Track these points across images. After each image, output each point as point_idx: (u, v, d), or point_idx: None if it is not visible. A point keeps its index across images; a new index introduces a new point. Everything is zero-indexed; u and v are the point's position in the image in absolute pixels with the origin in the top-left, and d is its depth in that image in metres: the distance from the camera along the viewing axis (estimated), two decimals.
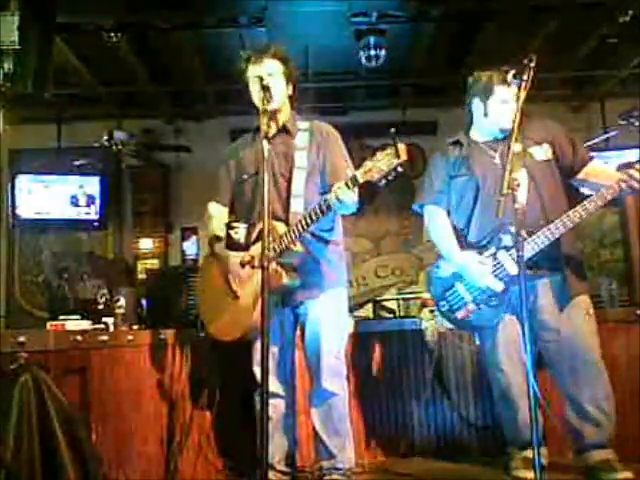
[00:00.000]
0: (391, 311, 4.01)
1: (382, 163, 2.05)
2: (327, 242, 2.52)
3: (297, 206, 2.39)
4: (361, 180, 2.10)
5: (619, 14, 4.38)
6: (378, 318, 3.86)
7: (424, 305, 3.29)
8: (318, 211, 2.25)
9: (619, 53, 5.16)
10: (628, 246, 3.42)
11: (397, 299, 3.96)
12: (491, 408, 3.07)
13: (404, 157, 2.02)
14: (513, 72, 2.23)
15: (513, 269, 2.40)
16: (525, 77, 2.21)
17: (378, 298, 4.38)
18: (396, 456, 3.04)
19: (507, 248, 2.44)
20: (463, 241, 2.60)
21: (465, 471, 2.79)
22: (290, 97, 2.57)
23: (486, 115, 2.59)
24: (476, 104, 2.63)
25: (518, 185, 2.05)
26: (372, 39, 4.71)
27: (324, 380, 2.44)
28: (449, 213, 2.68)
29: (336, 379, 2.46)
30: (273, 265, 2.25)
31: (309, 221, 2.28)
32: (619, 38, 4.72)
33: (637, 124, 5.01)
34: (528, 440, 2.19)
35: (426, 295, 3.69)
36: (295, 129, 2.54)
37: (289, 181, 2.45)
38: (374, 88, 6.01)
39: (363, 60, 4.80)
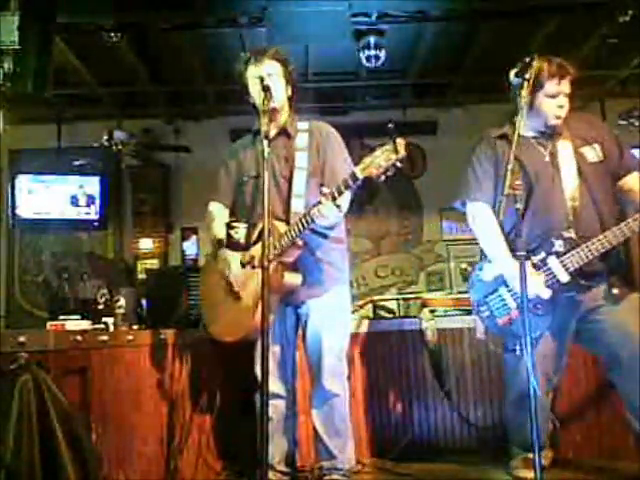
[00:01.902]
0: (391, 311, 4.01)
1: (381, 159, 2.04)
2: (330, 239, 2.50)
3: (298, 206, 2.38)
4: (360, 176, 2.09)
5: (619, 14, 4.38)
6: (378, 318, 3.85)
7: (424, 305, 3.29)
8: (304, 222, 2.26)
9: (619, 53, 5.16)
10: (628, 246, 3.41)
11: (397, 299, 3.95)
12: (491, 408, 3.08)
13: (403, 152, 2.02)
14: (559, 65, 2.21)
15: (564, 277, 2.29)
16: (527, 76, 2.20)
17: (378, 298, 4.37)
18: (396, 456, 3.03)
19: (558, 254, 2.30)
20: (511, 244, 2.42)
21: (465, 471, 2.79)
22: (289, 98, 2.56)
23: (532, 109, 2.40)
24: (523, 96, 2.42)
25: (519, 185, 2.03)
26: (372, 39, 4.72)
27: (325, 380, 2.44)
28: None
29: (337, 379, 2.46)
30: (275, 265, 2.26)
31: (297, 231, 2.29)
32: (619, 38, 4.72)
33: (637, 124, 5.02)
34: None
35: (426, 295, 3.69)
36: (295, 130, 2.54)
37: (290, 182, 2.45)
38: (374, 88, 6.02)
39: (363, 60, 4.81)
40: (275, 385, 2.45)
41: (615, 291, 2.31)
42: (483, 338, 2.67)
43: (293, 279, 2.38)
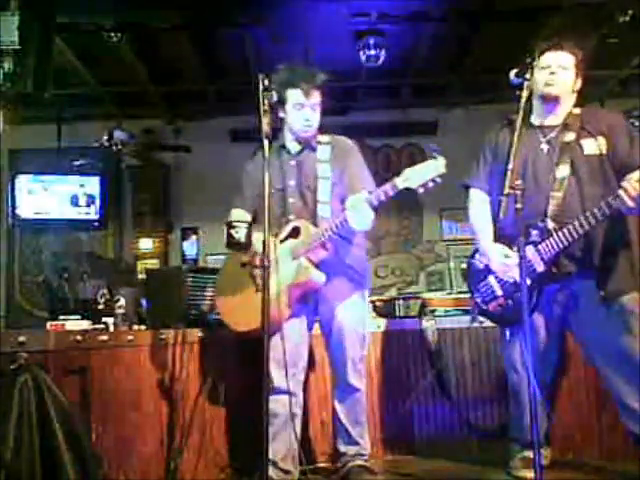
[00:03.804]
0: (391, 311, 4.00)
1: (421, 174, 2.19)
2: (354, 245, 2.62)
3: (324, 212, 2.52)
4: (400, 187, 2.24)
5: (619, 14, 4.38)
6: (378, 318, 3.84)
7: (424, 305, 3.29)
8: (338, 223, 2.39)
9: (619, 53, 5.16)
10: (629, 245, 3.40)
11: (397, 299, 3.95)
12: (491, 408, 3.07)
13: (443, 170, 2.18)
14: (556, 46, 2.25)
15: (539, 266, 2.32)
16: (528, 76, 2.20)
17: (377, 298, 4.36)
18: (396, 456, 3.03)
19: (534, 243, 2.33)
20: (498, 231, 2.51)
21: (465, 471, 2.78)
22: None
23: (532, 90, 2.39)
24: (526, 83, 2.43)
25: (519, 185, 2.02)
26: (372, 39, 4.72)
27: (350, 377, 2.57)
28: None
29: (359, 375, 2.60)
30: (303, 260, 2.45)
31: (331, 231, 2.42)
32: (619, 38, 4.72)
33: (637, 124, 5.01)
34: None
35: (426, 295, 3.69)
36: (317, 143, 2.65)
37: (314, 192, 2.57)
38: (374, 88, 6.02)
39: (363, 60, 4.81)
40: (285, 381, 2.50)
41: (602, 293, 2.31)
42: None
43: (318, 277, 2.48)
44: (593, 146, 2.38)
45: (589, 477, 2.64)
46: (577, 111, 2.47)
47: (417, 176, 2.20)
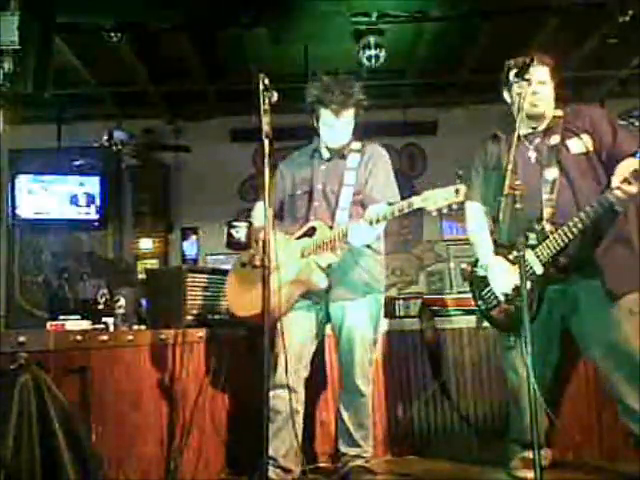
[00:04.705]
0: (391, 311, 4.00)
1: (441, 198, 2.20)
2: (371, 250, 2.64)
3: (342, 218, 2.55)
4: (415, 206, 2.26)
5: (619, 14, 4.38)
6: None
7: (424, 305, 3.29)
8: (344, 233, 2.43)
9: (619, 53, 5.17)
10: (631, 243, 3.38)
11: (397, 299, 3.95)
12: (491, 408, 3.07)
13: (462, 198, 2.19)
14: (519, 67, 2.19)
15: (538, 268, 2.34)
16: (527, 77, 2.20)
17: None
18: (396, 456, 3.03)
19: (532, 247, 2.34)
20: (496, 239, 2.55)
21: (465, 471, 2.78)
22: None
23: (513, 103, 2.45)
24: (506, 94, 2.53)
25: (519, 185, 2.02)
26: (372, 39, 4.73)
27: (357, 380, 2.59)
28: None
29: (366, 380, 2.62)
30: (310, 260, 2.48)
31: (336, 239, 2.46)
32: (619, 38, 4.73)
33: (637, 124, 5.02)
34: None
35: (426, 295, 3.69)
36: (348, 151, 2.69)
37: (338, 197, 2.62)
38: (374, 88, 6.01)
39: (363, 60, 4.81)
40: (291, 378, 2.51)
41: (608, 290, 2.29)
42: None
43: (318, 279, 2.50)
44: (579, 145, 2.39)
45: (589, 477, 2.64)
46: (559, 113, 2.47)
47: (435, 200, 2.21)
